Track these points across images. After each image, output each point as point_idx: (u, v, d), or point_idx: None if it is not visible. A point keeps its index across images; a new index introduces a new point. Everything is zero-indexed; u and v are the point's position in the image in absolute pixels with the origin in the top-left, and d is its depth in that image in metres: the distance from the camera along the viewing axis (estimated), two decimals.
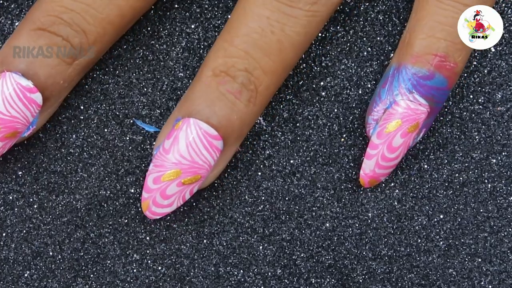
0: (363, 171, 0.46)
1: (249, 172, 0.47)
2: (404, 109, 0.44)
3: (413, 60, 0.44)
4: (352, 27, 0.48)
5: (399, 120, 0.44)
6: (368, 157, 0.45)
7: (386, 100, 0.45)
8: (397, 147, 0.45)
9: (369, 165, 0.45)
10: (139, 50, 0.47)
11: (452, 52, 0.44)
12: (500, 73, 0.48)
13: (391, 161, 0.45)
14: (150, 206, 0.43)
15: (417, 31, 0.44)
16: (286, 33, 0.42)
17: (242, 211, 0.47)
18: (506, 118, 0.48)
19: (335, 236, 0.48)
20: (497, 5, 0.48)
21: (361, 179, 0.46)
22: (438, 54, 0.43)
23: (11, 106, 0.41)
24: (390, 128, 0.44)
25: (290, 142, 0.48)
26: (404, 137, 0.44)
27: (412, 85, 0.44)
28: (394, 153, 0.45)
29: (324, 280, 0.47)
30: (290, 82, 0.48)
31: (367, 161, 0.45)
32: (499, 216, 0.48)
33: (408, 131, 0.44)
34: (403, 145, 0.45)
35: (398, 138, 0.44)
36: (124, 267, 0.47)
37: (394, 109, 0.44)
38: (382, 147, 0.45)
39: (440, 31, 0.43)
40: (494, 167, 0.48)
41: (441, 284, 0.48)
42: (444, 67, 0.44)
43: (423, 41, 0.44)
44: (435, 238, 0.48)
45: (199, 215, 0.47)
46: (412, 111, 0.44)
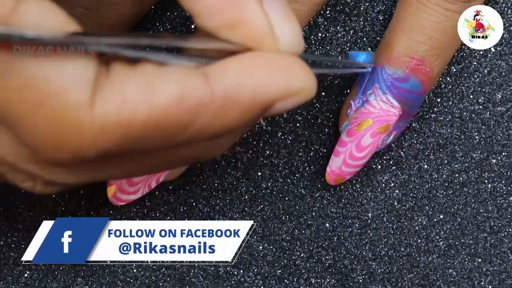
0: (330, 168, 0.45)
1: (249, 172, 0.47)
2: (376, 109, 0.44)
3: (390, 61, 0.44)
4: (352, 27, 0.48)
5: (370, 120, 0.44)
6: (336, 154, 0.45)
7: (359, 99, 0.45)
8: (366, 147, 0.44)
9: (336, 162, 0.45)
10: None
11: (430, 57, 0.43)
12: (500, 73, 0.48)
13: (359, 160, 0.45)
14: (116, 192, 0.44)
15: (397, 32, 0.44)
16: None
17: (242, 211, 0.47)
18: (506, 118, 0.48)
19: (335, 236, 0.48)
20: (497, 5, 0.48)
21: (327, 175, 0.46)
22: (415, 58, 0.43)
23: None
24: (360, 127, 0.44)
25: (290, 142, 0.48)
26: (374, 137, 0.44)
27: (387, 86, 0.44)
28: (362, 152, 0.44)
29: (324, 280, 0.47)
30: None
31: (335, 158, 0.45)
32: (499, 216, 0.48)
33: (378, 132, 0.44)
34: (371, 145, 0.44)
35: (367, 138, 0.44)
36: (124, 267, 0.47)
37: (367, 108, 0.44)
38: (351, 146, 0.44)
39: (421, 35, 0.43)
40: (494, 167, 0.48)
41: (441, 284, 0.48)
42: (419, 70, 0.44)
43: (403, 42, 0.44)
44: (435, 238, 0.48)
45: (199, 215, 0.47)
46: (384, 112, 0.44)
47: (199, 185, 0.47)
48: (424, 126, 0.48)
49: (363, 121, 0.44)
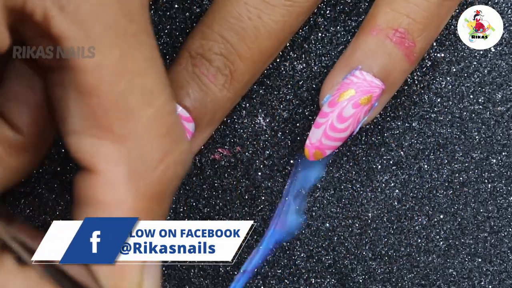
0: (309, 141, 0.44)
1: (249, 172, 0.47)
2: (359, 79, 0.43)
3: (374, 32, 0.44)
4: (352, 27, 0.48)
5: (352, 89, 0.44)
6: (317, 125, 0.44)
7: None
8: (347, 118, 0.44)
9: (316, 134, 0.44)
10: None
11: (413, 31, 0.43)
12: (500, 73, 0.48)
13: (340, 133, 0.44)
14: None
15: (383, 4, 0.44)
16: (264, 20, 0.43)
17: (242, 211, 0.47)
18: (506, 118, 0.48)
19: (335, 236, 0.48)
20: (497, 5, 0.48)
21: (306, 149, 0.45)
22: (398, 30, 0.43)
23: None
24: (342, 97, 0.44)
25: (290, 142, 0.48)
26: (356, 108, 0.44)
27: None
28: (343, 123, 0.44)
29: (324, 280, 0.47)
30: (290, 82, 0.48)
31: (315, 130, 0.44)
32: (499, 216, 0.48)
33: (361, 103, 0.44)
34: (353, 116, 0.44)
35: (349, 108, 0.44)
36: None
37: (349, 79, 0.44)
38: (332, 116, 0.44)
39: (405, 8, 0.43)
40: (494, 167, 0.48)
41: (441, 284, 0.48)
42: (403, 43, 0.43)
43: (386, 14, 0.44)
44: (435, 238, 0.48)
45: (199, 215, 0.47)
46: (367, 83, 0.43)
47: (199, 185, 0.47)
48: (424, 126, 0.48)
49: (345, 91, 0.44)
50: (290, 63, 0.48)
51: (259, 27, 0.43)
